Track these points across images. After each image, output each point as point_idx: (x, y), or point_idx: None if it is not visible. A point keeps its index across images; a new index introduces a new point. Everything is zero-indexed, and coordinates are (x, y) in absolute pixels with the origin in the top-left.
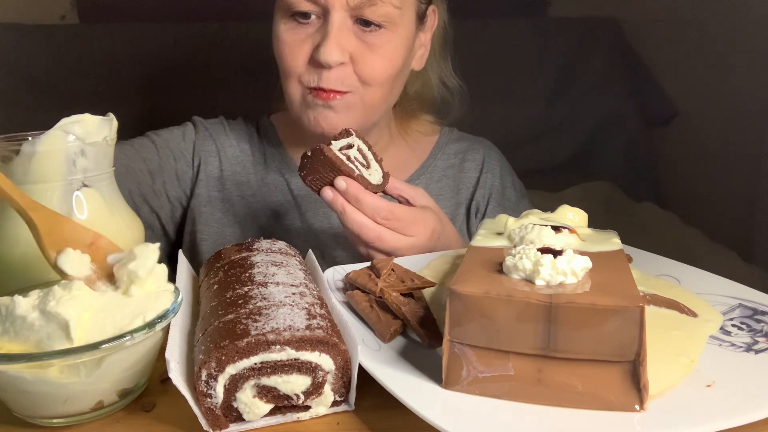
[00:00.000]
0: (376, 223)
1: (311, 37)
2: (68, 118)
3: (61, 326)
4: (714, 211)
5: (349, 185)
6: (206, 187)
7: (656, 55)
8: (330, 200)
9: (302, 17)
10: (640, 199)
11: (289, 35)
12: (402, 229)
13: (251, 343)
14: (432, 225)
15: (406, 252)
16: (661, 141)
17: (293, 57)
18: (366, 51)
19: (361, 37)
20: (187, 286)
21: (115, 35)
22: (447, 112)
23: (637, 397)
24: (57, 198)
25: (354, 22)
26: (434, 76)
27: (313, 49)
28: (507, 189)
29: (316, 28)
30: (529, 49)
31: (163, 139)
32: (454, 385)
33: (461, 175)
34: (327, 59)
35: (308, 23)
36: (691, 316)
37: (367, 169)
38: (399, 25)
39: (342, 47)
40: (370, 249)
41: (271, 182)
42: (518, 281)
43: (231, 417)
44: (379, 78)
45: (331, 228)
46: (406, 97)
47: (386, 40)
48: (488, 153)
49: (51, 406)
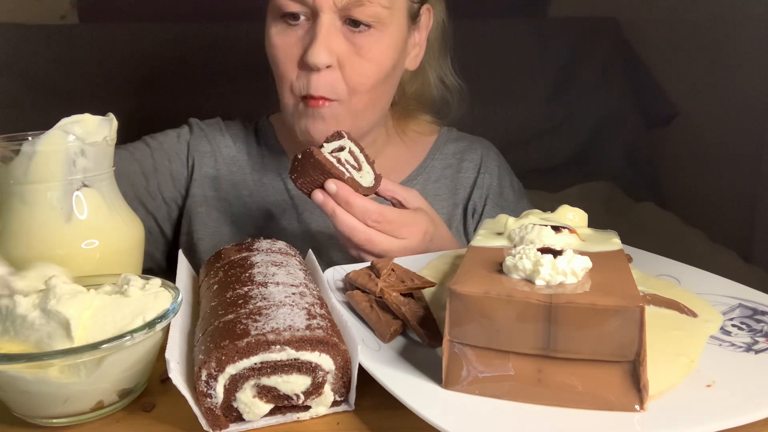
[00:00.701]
0: (366, 226)
1: (301, 40)
2: (68, 118)
3: (62, 325)
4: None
5: (339, 188)
6: (201, 187)
7: (656, 55)
8: (320, 203)
9: (292, 18)
10: (640, 199)
11: (280, 38)
12: (393, 231)
13: (251, 343)
14: (424, 227)
15: (397, 254)
16: (661, 141)
17: (284, 60)
18: (354, 55)
19: (351, 39)
20: (187, 286)
21: (114, 35)
22: (447, 111)
23: (637, 397)
24: (57, 198)
25: (343, 23)
26: (433, 75)
27: (303, 52)
28: (505, 189)
29: (305, 30)
30: (529, 49)
31: (158, 142)
32: (454, 385)
33: (459, 176)
34: (315, 61)
35: (298, 25)
36: (691, 316)
37: (358, 171)
38: (389, 25)
39: (330, 49)
40: (361, 252)
41: (268, 182)
42: (518, 281)
43: (231, 417)
44: (367, 83)
45: (328, 228)
46: (404, 97)
47: (375, 41)
48: (486, 153)
49: (51, 406)
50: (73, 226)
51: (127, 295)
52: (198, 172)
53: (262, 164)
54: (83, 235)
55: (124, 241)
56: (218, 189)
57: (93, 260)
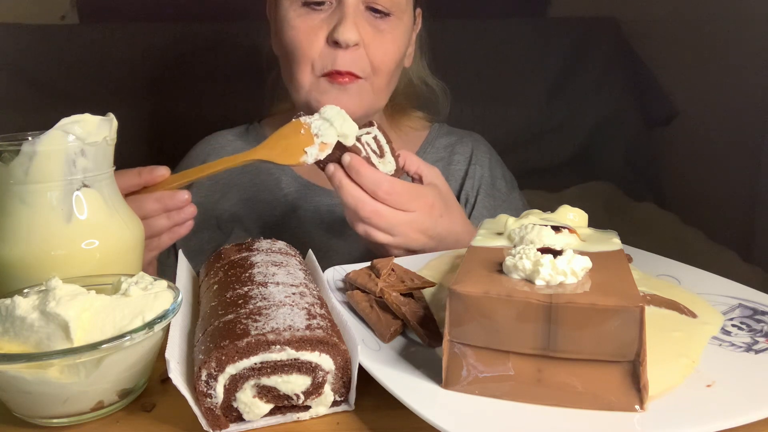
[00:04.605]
0: (374, 199)
1: (325, 22)
2: (68, 118)
3: (61, 327)
4: (714, 211)
5: (352, 158)
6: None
7: (656, 55)
8: (330, 174)
9: (316, 5)
10: (640, 199)
11: (303, 21)
12: (402, 204)
13: (251, 343)
14: (431, 200)
15: (405, 228)
16: (661, 141)
17: (308, 42)
18: (377, 36)
19: (372, 24)
20: (187, 286)
21: (115, 35)
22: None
23: (637, 397)
24: (57, 198)
25: (365, 9)
26: (415, 76)
27: (329, 32)
28: (497, 180)
29: (329, 13)
30: (529, 49)
31: None
32: (454, 385)
33: (450, 168)
34: (345, 38)
35: (321, 9)
36: (691, 317)
37: (379, 157)
38: (403, 14)
39: (357, 28)
40: (368, 227)
41: (260, 183)
42: (518, 281)
43: (231, 417)
44: (389, 63)
45: (322, 225)
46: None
47: (394, 27)
48: (477, 146)
49: (51, 406)
50: (73, 226)
51: (127, 294)
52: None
53: (255, 166)
54: (83, 235)
55: (124, 241)
56: (214, 191)
57: (93, 260)
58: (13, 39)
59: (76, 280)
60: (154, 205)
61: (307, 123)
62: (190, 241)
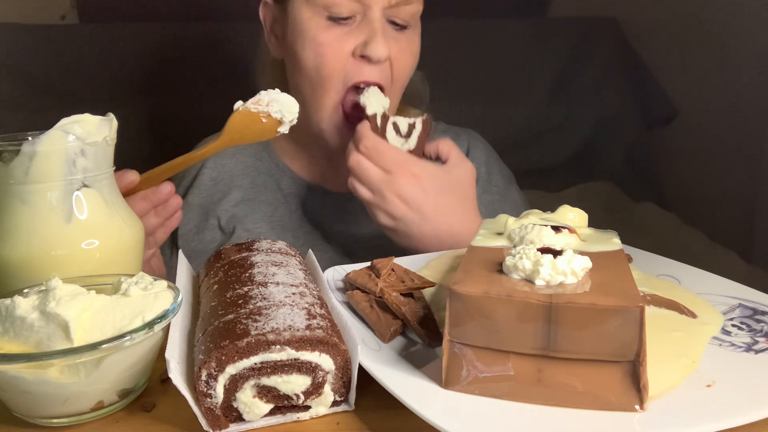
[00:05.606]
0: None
1: (351, 36)
2: (68, 118)
3: (61, 327)
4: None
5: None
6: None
7: (656, 55)
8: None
9: (343, 19)
10: (640, 199)
11: (326, 34)
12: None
13: (251, 343)
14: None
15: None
16: (661, 141)
17: (335, 56)
18: (399, 49)
19: (394, 37)
20: (187, 286)
21: (115, 35)
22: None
23: (637, 397)
24: (57, 198)
25: (386, 22)
26: None
27: (356, 46)
28: (494, 176)
29: (353, 27)
30: (529, 49)
31: None
32: (454, 385)
33: None
34: (378, 54)
35: (347, 23)
36: (691, 317)
37: (405, 138)
38: (417, 26)
39: (388, 44)
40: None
41: (261, 184)
42: (518, 281)
43: (231, 417)
44: (408, 74)
45: (322, 227)
46: None
47: (411, 39)
48: (473, 143)
49: (51, 406)
50: (73, 226)
51: (127, 294)
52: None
53: (255, 166)
54: (83, 235)
55: (124, 241)
56: (213, 192)
57: (93, 260)
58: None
59: (76, 280)
60: (142, 204)
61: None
62: (191, 242)
